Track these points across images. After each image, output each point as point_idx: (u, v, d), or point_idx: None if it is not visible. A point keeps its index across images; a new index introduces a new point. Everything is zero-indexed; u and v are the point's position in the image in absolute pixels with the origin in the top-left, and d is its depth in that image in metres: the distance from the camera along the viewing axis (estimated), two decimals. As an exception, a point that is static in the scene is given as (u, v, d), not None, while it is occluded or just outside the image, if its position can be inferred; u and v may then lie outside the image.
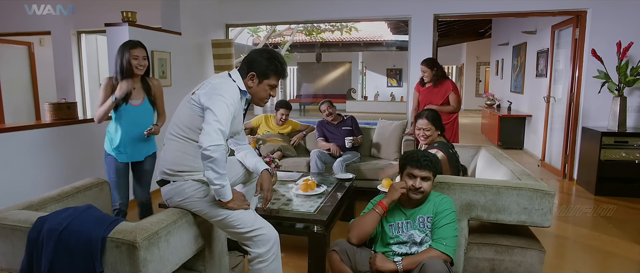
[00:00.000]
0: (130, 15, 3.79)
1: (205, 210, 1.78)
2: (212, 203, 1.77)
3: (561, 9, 4.57)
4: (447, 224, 1.81)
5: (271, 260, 1.83)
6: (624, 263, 2.74)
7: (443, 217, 1.83)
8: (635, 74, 4.11)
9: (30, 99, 6.74)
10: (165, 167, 1.78)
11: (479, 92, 14.52)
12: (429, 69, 3.96)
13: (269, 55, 1.81)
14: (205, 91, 1.70)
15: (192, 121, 1.74)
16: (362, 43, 13.73)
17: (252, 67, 1.79)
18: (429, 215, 1.86)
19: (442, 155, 2.45)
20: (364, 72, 17.92)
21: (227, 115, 1.64)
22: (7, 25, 5.91)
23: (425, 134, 2.64)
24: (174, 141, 1.78)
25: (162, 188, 1.83)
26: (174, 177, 1.77)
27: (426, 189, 1.84)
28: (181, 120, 1.78)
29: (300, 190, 2.74)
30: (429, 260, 1.69)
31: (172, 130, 1.80)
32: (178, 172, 1.76)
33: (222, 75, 1.82)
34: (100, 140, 3.58)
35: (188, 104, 1.76)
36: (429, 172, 1.84)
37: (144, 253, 1.47)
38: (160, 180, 1.83)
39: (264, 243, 1.81)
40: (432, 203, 1.89)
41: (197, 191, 1.77)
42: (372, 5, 4.99)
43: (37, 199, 1.87)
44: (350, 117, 4.26)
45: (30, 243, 1.54)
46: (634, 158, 4.07)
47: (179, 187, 1.77)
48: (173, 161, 1.76)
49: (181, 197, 1.77)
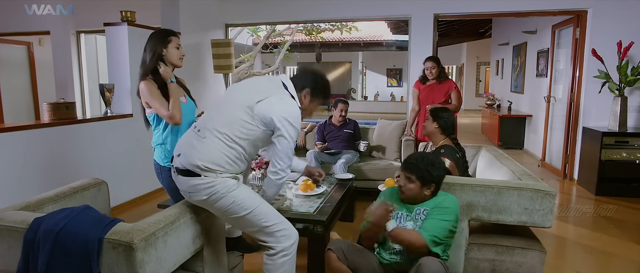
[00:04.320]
0: (130, 15, 3.78)
1: (230, 205, 1.75)
2: (238, 198, 1.76)
3: (561, 9, 4.56)
4: (438, 219, 1.79)
5: (292, 254, 1.87)
6: (624, 264, 2.73)
7: (437, 212, 1.82)
8: (636, 74, 4.10)
9: (30, 99, 6.74)
10: (200, 162, 1.71)
11: (479, 92, 14.51)
12: (436, 65, 3.94)
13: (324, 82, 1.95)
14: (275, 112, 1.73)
15: (245, 130, 1.74)
16: (362, 43, 13.70)
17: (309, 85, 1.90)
18: (426, 209, 1.86)
19: (450, 163, 2.43)
20: (364, 72, 17.91)
21: (292, 149, 1.82)
22: (7, 25, 5.91)
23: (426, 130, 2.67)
24: (219, 141, 1.74)
25: (182, 179, 1.76)
26: (206, 172, 1.72)
27: (406, 190, 1.87)
28: (233, 124, 1.73)
29: (300, 191, 2.72)
30: (425, 259, 1.67)
31: (219, 128, 1.74)
32: (213, 170, 1.73)
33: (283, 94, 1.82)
34: (100, 140, 3.58)
35: (246, 112, 1.73)
36: (411, 174, 1.84)
37: (141, 254, 1.45)
38: (185, 171, 1.74)
39: (287, 239, 1.84)
40: (435, 200, 1.88)
41: (228, 187, 1.74)
42: (372, 5, 4.98)
43: (34, 200, 1.86)
44: (353, 121, 4.24)
45: (27, 244, 1.53)
46: (634, 158, 4.05)
47: (210, 182, 1.72)
48: (212, 159, 1.72)
49: (208, 193, 1.72)
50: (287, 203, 2.58)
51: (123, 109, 3.90)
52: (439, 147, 2.59)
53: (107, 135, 3.67)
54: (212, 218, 1.90)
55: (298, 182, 2.93)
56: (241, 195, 1.77)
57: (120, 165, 3.79)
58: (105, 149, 3.66)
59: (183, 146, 1.81)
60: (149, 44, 2.19)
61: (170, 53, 2.19)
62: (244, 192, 1.79)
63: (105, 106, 3.74)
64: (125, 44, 3.75)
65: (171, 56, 2.20)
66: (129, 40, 3.75)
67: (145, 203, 3.96)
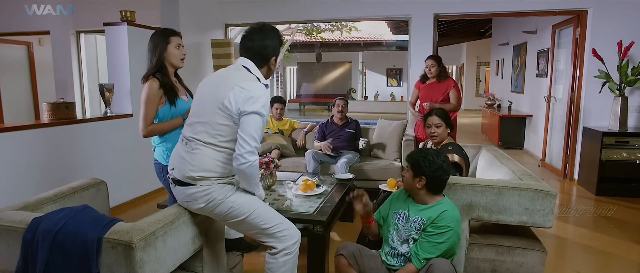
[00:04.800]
0: (129, 15, 3.78)
1: (229, 210, 1.74)
2: (236, 202, 1.75)
3: (562, 9, 4.55)
4: (435, 242, 1.76)
5: (294, 253, 1.86)
6: (625, 264, 2.72)
7: (432, 231, 1.78)
8: (636, 74, 4.10)
9: (30, 99, 6.74)
10: (193, 173, 1.70)
11: (479, 92, 14.50)
12: (436, 63, 3.94)
13: (274, 33, 1.79)
14: (242, 99, 1.64)
15: (227, 132, 1.70)
16: (362, 43, 13.70)
17: (274, 52, 1.80)
18: (423, 219, 1.83)
19: (459, 158, 2.42)
20: (364, 72, 17.90)
21: (261, 130, 1.68)
22: (7, 25, 5.90)
23: (436, 131, 2.61)
24: (207, 149, 1.70)
25: (179, 189, 1.75)
26: (201, 181, 1.71)
27: (403, 179, 1.92)
28: (215, 132, 1.70)
29: (300, 191, 2.72)
30: (436, 260, 1.70)
31: (204, 139, 1.70)
32: (207, 177, 1.72)
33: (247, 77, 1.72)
34: (99, 140, 3.57)
35: (221, 115, 1.68)
36: (407, 163, 1.89)
37: (141, 254, 1.45)
38: (181, 181, 1.74)
39: (288, 238, 1.84)
40: (435, 210, 1.82)
41: (225, 193, 1.74)
42: (372, 5, 4.97)
43: (33, 200, 1.85)
44: (355, 121, 4.24)
45: (25, 244, 1.53)
46: (635, 158, 4.05)
47: (206, 190, 1.71)
48: (204, 168, 1.70)
49: (206, 200, 1.72)
50: (287, 203, 2.58)
51: (123, 109, 3.89)
52: (445, 144, 2.58)
53: (106, 135, 3.66)
54: (212, 218, 1.89)
55: (298, 182, 2.92)
56: (238, 199, 1.77)
57: (120, 165, 3.79)
58: (105, 149, 3.65)
59: (175, 160, 1.80)
60: (150, 44, 2.18)
61: (170, 53, 2.17)
62: (241, 197, 1.78)
63: (105, 106, 3.73)
64: (125, 44, 3.74)
65: (171, 56, 2.18)
66: (129, 40, 3.74)
67: (144, 203, 3.96)
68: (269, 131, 4.35)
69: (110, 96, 3.72)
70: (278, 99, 4.42)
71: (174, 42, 2.18)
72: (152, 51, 2.16)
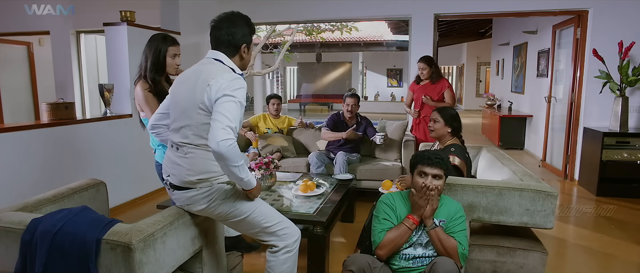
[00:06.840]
0: (129, 15, 3.77)
1: (230, 209, 1.74)
2: (237, 201, 1.76)
3: (562, 9, 4.54)
4: (462, 231, 1.83)
5: (295, 251, 1.87)
6: (625, 265, 2.72)
7: (458, 223, 1.83)
8: (637, 74, 4.09)
9: (30, 99, 6.73)
10: (191, 177, 1.68)
11: (479, 92, 14.49)
12: (427, 66, 3.96)
13: (242, 20, 1.75)
14: (215, 91, 1.58)
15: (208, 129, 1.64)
16: (362, 43, 13.70)
17: (244, 39, 1.75)
18: (442, 220, 1.83)
19: (460, 162, 2.39)
20: (364, 72, 17.90)
21: (238, 113, 1.58)
22: (7, 25, 5.90)
23: (433, 125, 2.54)
24: (199, 151, 1.68)
25: (178, 193, 1.74)
26: (200, 184, 1.70)
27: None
28: (200, 128, 1.66)
29: (300, 191, 2.71)
30: (440, 258, 1.70)
31: (194, 142, 1.67)
32: (205, 179, 1.70)
33: (221, 69, 1.67)
34: (99, 141, 3.57)
35: (202, 113, 1.64)
36: (440, 170, 1.79)
37: (140, 255, 1.44)
38: (177, 186, 1.73)
39: (289, 236, 1.85)
40: (445, 208, 1.85)
41: (225, 193, 1.73)
42: (372, 5, 4.97)
43: (32, 200, 1.84)
44: (365, 122, 4.11)
45: (24, 245, 1.52)
46: (635, 158, 4.04)
47: (206, 191, 1.70)
48: (201, 170, 1.68)
49: (207, 201, 1.71)
50: (287, 203, 2.57)
51: (122, 109, 3.88)
52: (448, 145, 2.54)
53: (106, 136, 3.66)
54: (211, 219, 1.89)
55: (298, 183, 2.92)
56: (239, 199, 1.77)
57: (119, 165, 3.78)
58: (105, 149, 3.64)
59: (170, 167, 1.76)
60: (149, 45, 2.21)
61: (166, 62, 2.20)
62: (241, 196, 1.79)
63: (105, 106, 3.73)
64: (124, 44, 3.74)
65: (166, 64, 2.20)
66: (129, 40, 3.74)
67: (144, 204, 3.95)
68: (268, 131, 4.34)
69: (110, 96, 3.71)
70: (274, 95, 4.42)
71: (172, 51, 2.21)
72: (153, 52, 2.18)
